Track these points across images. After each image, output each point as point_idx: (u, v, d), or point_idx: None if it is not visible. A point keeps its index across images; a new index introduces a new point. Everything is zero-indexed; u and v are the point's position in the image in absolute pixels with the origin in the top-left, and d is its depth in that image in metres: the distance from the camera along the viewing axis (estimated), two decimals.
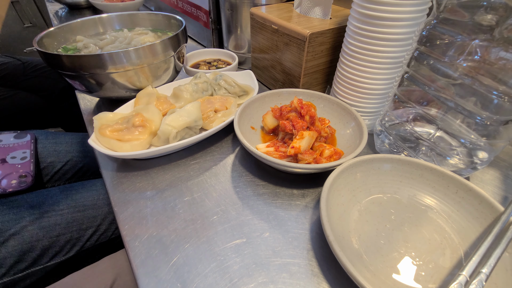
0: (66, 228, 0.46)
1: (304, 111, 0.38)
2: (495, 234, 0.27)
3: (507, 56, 0.26)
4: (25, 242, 0.43)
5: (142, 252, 0.30)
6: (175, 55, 0.51)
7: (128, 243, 0.31)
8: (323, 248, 0.31)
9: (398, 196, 0.35)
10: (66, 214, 0.47)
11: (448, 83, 0.31)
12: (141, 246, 0.31)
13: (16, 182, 0.51)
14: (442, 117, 0.34)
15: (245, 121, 0.43)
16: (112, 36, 0.57)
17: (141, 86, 0.49)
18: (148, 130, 0.40)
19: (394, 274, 0.27)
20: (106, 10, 0.95)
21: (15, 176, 0.52)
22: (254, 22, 0.55)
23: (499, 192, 0.38)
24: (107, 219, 0.50)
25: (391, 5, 0.34)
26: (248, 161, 0.42)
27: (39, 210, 0.46)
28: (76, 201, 0.49)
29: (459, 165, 0.35)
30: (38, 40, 0.47)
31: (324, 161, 0.36)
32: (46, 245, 0.44)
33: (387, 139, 0.40)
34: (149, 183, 0.38)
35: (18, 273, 0.42)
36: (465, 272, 0.24)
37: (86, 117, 0.51)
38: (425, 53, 0.32)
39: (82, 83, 0.46)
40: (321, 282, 0.28)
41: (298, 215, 0.34)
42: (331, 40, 0.47)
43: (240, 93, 0.51)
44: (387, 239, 0.30)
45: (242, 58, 0.67)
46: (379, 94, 0.42)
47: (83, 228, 0.48)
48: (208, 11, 0.66)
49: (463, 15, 0.28)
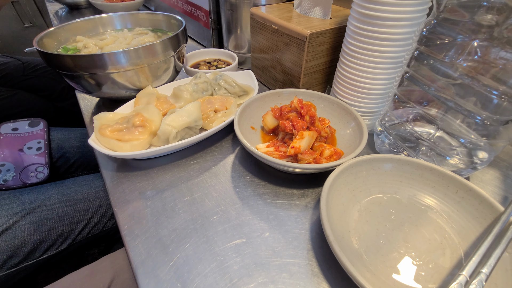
0: (58, 222, 0.47)
1: (304, 111, 0.38)
2: (495, 234, 0.27)
3: (507, 56, 0.26)
4: (17, 237, 0.43)
5: (142, 252, 0.30)
6: (175, 55, 0.51)
7: (128, 243, 0.31)
8: (323, 248, 0.31)
9: (398, 196, 0.35)
10: (57, 209, 0.48)
11: (448, 83, 0.31)
12: (141, 246, 0.31)
13: (34, 174, 0.53)
14: (442, 117, 0.34)
15: (245, 121, 0.43)
16: (112, 36, 0.57)
17: (141, 86, 0.49)
18: (148, 130, 0.40)
19: (394, 274, 0.27)
20: (106, 10, 0.95)
21: (32, 168, 0.54)
22: (254, 22, 0.55)
23: (499, 192, 0.38)
24: (98, 212, 0.51)
25: (391, 5, 0.34)
26: (248, 161, 0.42)
27: (30, 206, 0.46)
28: (67, 196, 0.50)
29: (459, 165, 0.35)
30: (38, 40, 0.47)
31: (324, 161, 0.36)
32: (38, 240, 0.45)
33: (387, 139, 0.40)
34: (149, 183, 0.38)
35: (11, 268, 0.43)
36: (465, 272, 0.24)
37: (86, 117, 0.51)
38: (425, 53, 0.32)
39: (82, 83, 0.46)
40: (321, 282, 0.28)
41: (298, 215, 0.34)
42: (331, 40, 0.47)
43: (240, 93, 0.51)
44: (387, 239, 0.30)
45: (242, 58, 0.67)
46: (379, 94, 0.42)
47: (75, 221, 0.49)
48: (208, 11, 0.66)
49: (463, 15, 0.28)
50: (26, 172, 0.54)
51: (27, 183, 0.53)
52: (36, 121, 0.63)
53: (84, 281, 0.42)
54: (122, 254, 0.46)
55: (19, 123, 0.62)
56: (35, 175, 0.54)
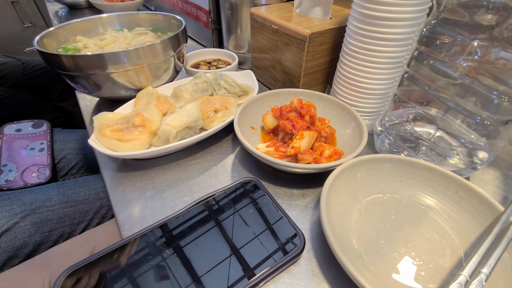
0: (58, 223, 0.47)
1: (304, 111, 0.38)
2: (495, 234, 0.27)
3: (507, 56, 0.26)
4: (18, 238, 0.43)
5: None
6: (175, 55, 0.51)
7: None
8: (323, 248, 0.31)
9: (398, 196, 0.35)
10: (58, 210, 0.48)
11: (448, 83, 0.31)
12: None
13: (36, 175, 0.53)
14: (442, 117, 0.34)
15: (245, 121, 0.43)
16: (112, 36, 0.57)
17: (141, 86, 0.49)
18: (148, 130, 0.40)
19: (394, 274, 0.27)
20: (106, 10, 0.95)
21: (34, 169, 0.54)
22: (254, 22, 0.55)
23: (499, 192, 0.38)
24: (99, 213, 0.51)
25: (391, 5, 0.34)
26: (248, 161, 0.42)
27: (31, 207, 0.46)
28: (68, 197, 0.50)
29: (459, 165, 0.35)
30: (38, 40, 0.47)
31: (324, 161, 0.36)
32: (39, 241, 0.45)
33: (387, 139, 0.40)
34: (149, 183, 0.38)
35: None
36: (465, 272, 0.24)
37: (86, 117, 0.51)
38: (425, 53, 0.32)
39: (82, 83, 0.46)
40: (321, 282, 0.28)
41: (298, 215, 0.34)
42: (331, 40, 0.47)
43: (240, 93, 0.51)
44: (387, 239, 0.30)
45: (242, 58, 0.67)
46: (379, 94, 0.42)
47: (75, 222, 0.48)
48: (208, 11, 0.66)
49: (463, 15, 0.28)
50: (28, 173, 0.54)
51: (29, 184, 0.53)
52: (39, 122, 0.64)
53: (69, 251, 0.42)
54: (101, 229, 0.46)
55: (22, 124, 0.62)
56: (37, 176, 0.54)
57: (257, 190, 0.34)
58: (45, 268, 0.38)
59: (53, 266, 0.39)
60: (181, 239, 0.29)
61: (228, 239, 0.29)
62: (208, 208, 0.32)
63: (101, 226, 0.46)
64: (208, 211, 0.32)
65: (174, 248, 0.28)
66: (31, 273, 0.38)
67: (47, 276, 0.38)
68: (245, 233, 0.30)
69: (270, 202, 0.33)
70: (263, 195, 0.33)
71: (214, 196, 0.33)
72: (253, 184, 0.35)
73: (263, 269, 0.26)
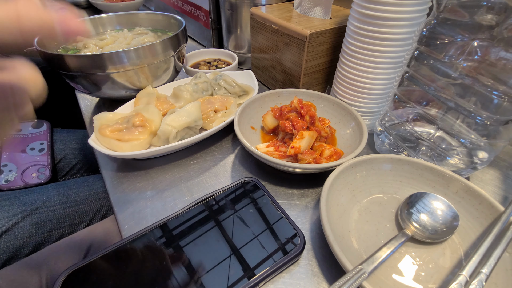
0: (58, 224, 0.47)
1: (304, 111, 0.38)
2: (495, 234, 0.27)
3: (507, 56, 0.26)
4: (17, 238, 0.43)
5: None
6: (175, 55, 0.51)
7: None
8: (323, 248, 0.31)
9: (398, 196, 0.35)
10: (58, 210, 0.48)
11: (448, 83, 0.31)
12: None
13: (36, 175, 0.53)
14: (442, 117, 0.34)
15: (245, 121, 0.43)
16: (112, 36, 0.57)
17: (141, 86, 0.49)
18: (148, 130, 0.40)
19: (394, 274, 0.27)
20: (106, 10, 0.95)
21: (34, 169, 0.54)
22: (254, 22, 0.55)
23: (499, 192, 0.38)
24: (99, 214, 0.51)
25: (391, 5, 0.34)
26: (248, 161, 0.42)
27: (30, 207, 0.46)
28: (68, 197, 0.50)
29: (459, 165, 0.35)
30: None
31: (324, 161, 0.36)
32: (39, 241, 0.45)
33: (387, 139, 0.40)
34: (149, 183, 0.38)
35: None
36: (465, 272, 0.24)
37: (86, 117, 0.51)
38: (425, 53, 0.32)
39: (82, 83, 0.46)
40: (321, 282, 0.28)
41: (298, 215, 0.34)
42: (331, 40, 0.47)
43: (240, 93, 0.51)
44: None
45: (242, 58, 0.67)
46: (379, 94, 0.42)
47: (75, 223, 0.48)
48: (208, 11, 0.66)
49: (463, 15, 0.28)
50: (28, 173, 0.54)
51: (29, 184, 0.53)
52: (39, 122, 0.64)
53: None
54: (99, 227, 0.46)
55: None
56: (36, 176, 0.54)
57: (257, 190, 0.34)
58: (42, 266, 0.38)
59: (50, 264, 0.39)
60: (181, 239, 0.29)
61: (228, 239, 0.29)
62: (208, 208, 0.32)
63: (98, 224, 0.47)
64: (208, 211, 0.32)
65: (174, 248, 0.28)
66: (28, 271, 0.38)
67: (44, 274, 0.38)
68: (245, 233, 0.30)
69: (270, 202, 0.33)
70: (263, 195, 0.33)
71: (214, 196, 0.33)
72: (253, 184, 0.35)
73: (263, 269, 0.26)
